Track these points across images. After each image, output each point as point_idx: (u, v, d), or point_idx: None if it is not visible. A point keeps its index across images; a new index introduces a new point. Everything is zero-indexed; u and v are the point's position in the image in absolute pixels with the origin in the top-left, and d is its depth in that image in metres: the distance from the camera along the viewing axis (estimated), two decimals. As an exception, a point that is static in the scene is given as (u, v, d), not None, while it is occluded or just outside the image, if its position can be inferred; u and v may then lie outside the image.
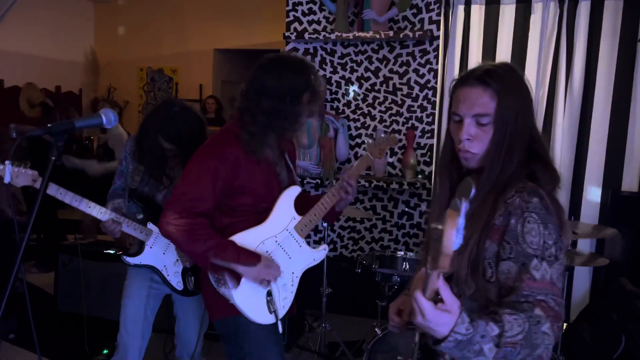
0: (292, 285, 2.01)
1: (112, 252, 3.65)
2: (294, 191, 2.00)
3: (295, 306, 2.08)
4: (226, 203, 1.91)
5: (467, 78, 1.33)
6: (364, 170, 2.19)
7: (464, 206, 0.96)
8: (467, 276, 1.25)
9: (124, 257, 2.31)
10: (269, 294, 1.93)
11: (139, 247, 2.32)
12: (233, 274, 1.88)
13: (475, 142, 1.30)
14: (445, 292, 1.04)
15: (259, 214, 1.94)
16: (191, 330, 2.47)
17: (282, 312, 1.97)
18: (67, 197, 2.11)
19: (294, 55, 1.97)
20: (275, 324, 1.95)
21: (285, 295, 1.98)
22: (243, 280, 1.88)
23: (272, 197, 1.97)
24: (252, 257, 1.88)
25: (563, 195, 3.22)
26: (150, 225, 2.29)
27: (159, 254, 2.32)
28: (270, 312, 1.92)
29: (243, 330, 1.94)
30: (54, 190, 2.06)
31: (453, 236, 0.95)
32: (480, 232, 1.25)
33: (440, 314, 1.04)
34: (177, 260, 2.33)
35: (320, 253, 2.08)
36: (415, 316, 1.06)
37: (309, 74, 1.90)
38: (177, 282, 2.35)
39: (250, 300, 1.90)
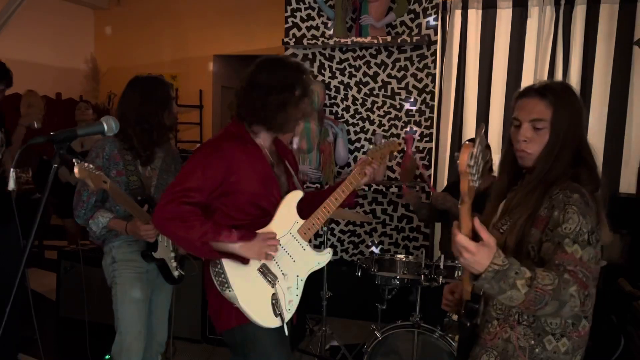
0: (298, 288, 2.02)
1: (105, 254, 3.66)
2: (296, 195, 2.03)
3: (295, 315, 2.08)
4: (224, 202, 1.94)
5: (528, 91, 1.56)
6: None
7: (478, 139, 1.25)
8: (513, 254, 1.43)
9: (152, 253, 2.36)
10: (274, 297, 1.94)
11: (151, 244, 2.36)
12: (235, 258, 1.89)
13: (531, 144, 1.53)
14: (483, 231, 1.28)
15: (260, 218, 1.96)
16: (163, 320, 2.58)
17: (288, 316, 1.98)
18: (127, 204, 2.25)
19: (289, 57, 2.03)
20: (282, 330, 1.95)
21: (290, 298, 1.99)
22: (254, 278, 1.89)
23: (271, 198, 1.99)
24: (248, 234, 1.90)
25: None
26: None
27: (164, 247, 2.41)
28: (276, 315, 1.93)
29: (250, 338, 1.95)
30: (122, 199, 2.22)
31: (466, 158, 1.23)
32: (526, 219, 1.48)
33: (481, 247, 1.27)
34: (172, 250, 2.45)
35: (324, 256, 2.10)
36: (461, 254, 1.28)
37: (301, 72, 1.98)
38: (175, 271, 2.47)
39: (255, 302, 1.91)
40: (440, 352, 2.70)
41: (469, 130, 4.28)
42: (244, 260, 1.90)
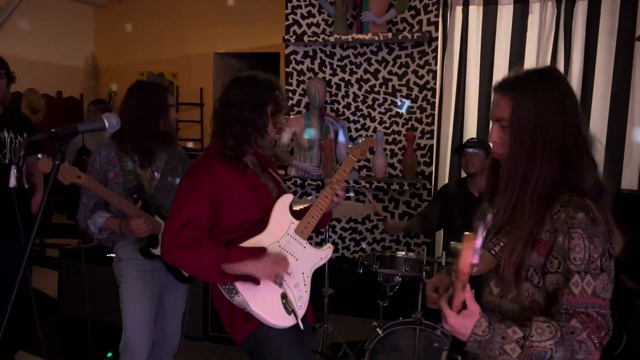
0: (305, 285, 2.04)
1: (114, 255, 3.67)
2: (287, 198, 2.07)
3: (309, 313, 2.10)
4: (220, 218, 1.96)
5: (495, 87, 1.42)
6: (352, 175, 2.23)
7: (481, 230, 1.12)
8: (511, 281, 1.34)
9: (152, 249, 2.36)
10: (284, 296, 1.95)
11: (152, 240, 2.37)
12: (247, 281, 1.90)
13: (500, 145, 1.39)
14: (469, 300, 1.22)
15: (255, 226, 1.98)
16: (176, 322, 2.57)
17: (300, 312, 1.99)
18: (114, 198, 2.27)
19: (261, 74, 2.05)
20: (297, 330, 1.96)
21: (300, 295, 2.01)
22: (261, 280, 1.90)
23: (264, 206, 2.01)
24: (258, 252, 1.91)
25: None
26: (157, 218, 2.37)
27: None
28: (289, 313, 1.94)
29: (264, 342, 1.96)
30: (105, 192, 2.24)
31: (469, 257, 1.12)
32: (525, 243, 1.32)
33: (462, 320, 1.23)
34: None
35: (325, 252, 2.13)
36: (444, 322, 1.25)
37: (272, 89, 2.00)
38: None
39: (266, 304, 1.92)
40: (441, 349, 2.70)
41: (470, 127, 4.28)
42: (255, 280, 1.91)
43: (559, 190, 1.33)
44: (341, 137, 4.13)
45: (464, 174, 3.54)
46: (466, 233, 1.14)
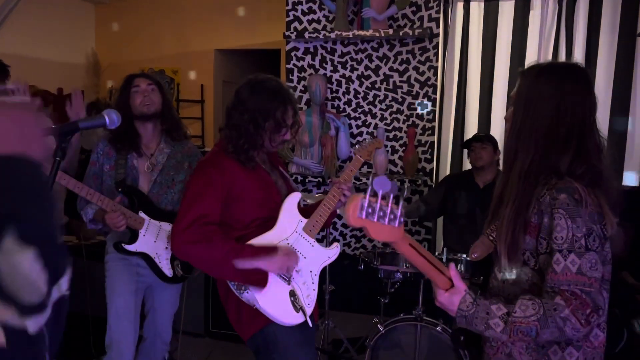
0: (313, 283, 2.05)
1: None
2: (295, 197, 2.07)
3: (316, 313, 2.11)
4: (230, 215, 1.95)
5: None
6: (359, 171, 2.26)
7: (369, 189, 1.17)
8: (504, 263, 1.41)
9: (124, 245, 2.36)
10: (292, 294, 1.96)
11: (132, 235, 2.37)
12: (256, 280, 1.90)
13: (507, 123, 1.49)
14: (455, 278, 1.33)
15: (264, 223, 1.98)
16: (167, 319, 2.58)
17: (309, 310, 2.00)
18: (83, 190, 2.26)
19: (273, 80, 2.01)
20: (304, 329, 1.97)
21: (307, 293, 2.02)
22: (269, 279, 1.90)
23: (273, 203, 2.01)
24: (269, 249, 1.92)
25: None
26: (141, 214, 2.37)
27: (151, 242, 2.40)
28: (297, 311, 1.95)
29: (272, 340, 1.96)
30: (72, 184, 2.23)
31: (353, 210, 1.15)
32: (514, 225, 1.37)
33: (450, 297, 1.32)
34: (167, 247, 2.41)
35: (333, 251, 2.16)
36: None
37: (278, 103, 1.95)
38: (168, 268, 2.43)
39: (275, 301, 1.92)
40: (442, 345, 2.70)
41: (472, 123, 4.27)
42: (263, 282, 1.90)
43: (545, 174, 1.37)
44: (342, 134, 4.13)
45: (466, 168, 3.56)
46: (354, 194, 1.20)
